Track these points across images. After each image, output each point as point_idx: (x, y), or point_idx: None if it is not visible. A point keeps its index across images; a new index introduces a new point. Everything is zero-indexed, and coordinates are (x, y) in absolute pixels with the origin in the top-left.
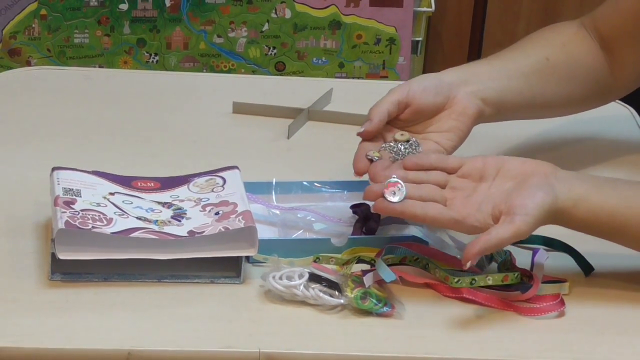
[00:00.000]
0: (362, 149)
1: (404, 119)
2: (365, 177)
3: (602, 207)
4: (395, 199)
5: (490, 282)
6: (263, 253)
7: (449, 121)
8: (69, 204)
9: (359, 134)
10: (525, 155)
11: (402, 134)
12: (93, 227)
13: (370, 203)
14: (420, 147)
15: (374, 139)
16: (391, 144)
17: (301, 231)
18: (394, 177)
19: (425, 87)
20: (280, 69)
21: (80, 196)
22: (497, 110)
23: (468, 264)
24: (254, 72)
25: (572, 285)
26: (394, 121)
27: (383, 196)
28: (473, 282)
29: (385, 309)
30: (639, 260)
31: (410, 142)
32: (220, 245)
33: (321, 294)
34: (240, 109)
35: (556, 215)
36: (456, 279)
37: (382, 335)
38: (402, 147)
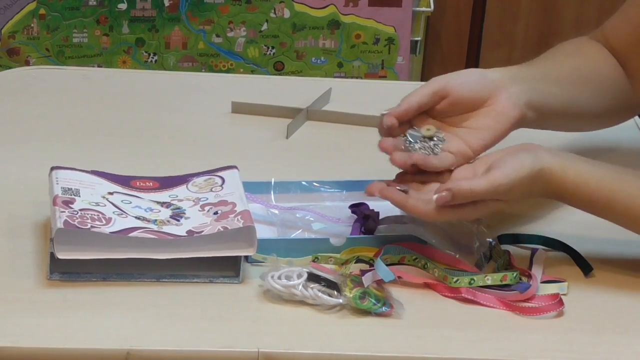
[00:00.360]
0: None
1: (441, 110)
2: (369, 176)
3: (592, 176)
4: (401, 188)
5: (489, 282)
6: (262, 253)
7: (485, 119)
8: (67, 203)
9: (382, 115)
10: None
11: (428, 129)
12: (92, 226)
13: (373, 204)
14: (440, 147)
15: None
16: (410, 136)
17: (300, 231)
18: (394, 180)
19: (464, 80)
20: (279, 69)
21: (79, 196)
22: (539, 115)
23: (434, 197)
24: (252, 72)
25: (571, 285)
26: (429, 110)
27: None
28: (472, 281)
29: (383, 308)
30: (638, 260)
31: (434, 139)
32: (219, 245)
33: (320, 294)
34: (239, 108)
35: (543, 178)
36: (455, 279)
37: (380, 335)
38: (417, 146)
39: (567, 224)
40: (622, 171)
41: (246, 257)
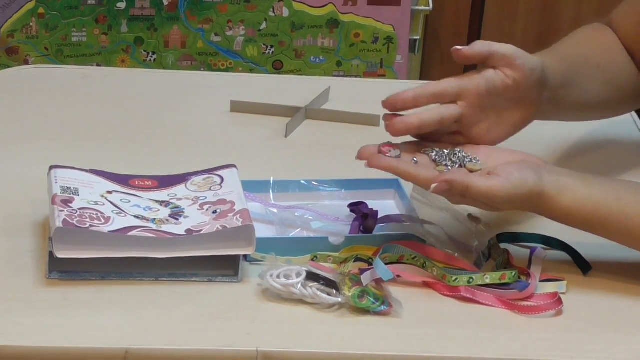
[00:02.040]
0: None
1: (499, 65)
2: (368, 175)
3: (588, 197)
4: (391, 154)
5: (487, 281)
6: (261, 252)
7: (517, 113)
8: (66, 202)
9: (454, 51)
10: None
11: (474, 164)
12: (91, 225)
13: (372, 203)
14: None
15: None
16: (437, 150)
17: (299, 230)
18: (388, 142)
19: (529, 61)
20: (277, 68)
21: (78, 195)
22: (546, 117)
23: (432, 186)
24: (251, 71)
25: (569, 284)
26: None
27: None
28: (471, 280)
29: (382, 307)
30: (637, 259)
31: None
32: (218, 244)
33: (319, 293)
34: (237, 107)
35: (539, 201)
36: (454, 278)
37: (379, 334)
38: (450, 162)
39: None
40: (621, 188)
41: (245, 256)
